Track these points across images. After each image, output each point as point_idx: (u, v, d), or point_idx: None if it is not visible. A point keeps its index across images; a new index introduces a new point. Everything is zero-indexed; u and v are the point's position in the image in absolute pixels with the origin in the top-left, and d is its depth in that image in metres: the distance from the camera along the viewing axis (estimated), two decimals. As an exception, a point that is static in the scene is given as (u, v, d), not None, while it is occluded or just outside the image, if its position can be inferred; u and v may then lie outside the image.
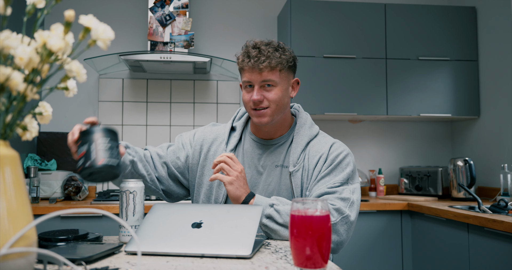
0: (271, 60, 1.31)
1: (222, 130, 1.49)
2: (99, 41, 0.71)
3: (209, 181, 1.31)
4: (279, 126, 1.43)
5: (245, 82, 1.36)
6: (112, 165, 1.04)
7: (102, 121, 3.05)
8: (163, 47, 2.84)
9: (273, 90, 1.34)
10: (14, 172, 0.68)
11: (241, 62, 1.35)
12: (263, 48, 1.32)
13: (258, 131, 1.45)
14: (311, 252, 0.87)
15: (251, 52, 1.32)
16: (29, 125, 0.81)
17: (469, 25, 3.01)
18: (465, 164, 2.76)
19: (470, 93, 2.99)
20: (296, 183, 1.36)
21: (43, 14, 0.73)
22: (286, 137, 1.45)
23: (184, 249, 1.04)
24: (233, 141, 1.45)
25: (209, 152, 1.46)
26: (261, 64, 1.30)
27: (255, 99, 1.33)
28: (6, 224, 0.65)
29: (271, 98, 1.34)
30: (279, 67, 1.32)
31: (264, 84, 1.33)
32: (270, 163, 1.42)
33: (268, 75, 1.32)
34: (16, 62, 0.58)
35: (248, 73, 1.34)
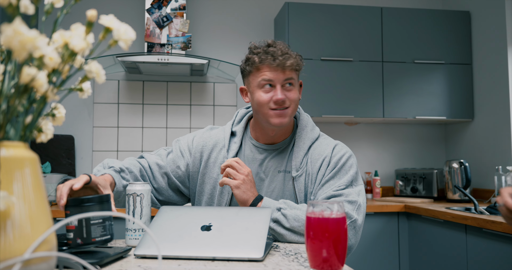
0: (295, 60, 1.30)
1: (221, 135, 1.44)
2: (120, 41, 0.70)
3: (219, 185, 1.30)
4: (285, 129, 1.40)
5: (264, 81, 1.30)
6: (105, 240, 1.03)
7: (98, 123, 3.02)
8: (160, 49, 2.83)
9: (293, 89, 1.32)
10: (34, 174, 0.67)
11: (261, 62, 1.29)
12: (280, 47, 1.30)
13: (261, 135, 1.41)
14: (327, 254, 0.87)
15: (275, 52, 1.28)
16: (44, 127, 0.80)
17: (463, 29, 3.05)
18: (461, 166, 2.79)
19: (464, 96, 3.03)
20: (299, 188, 1.35)
21: (62, 13, 0.72)
22: (288, 142, 1.42)
23: (195, 252, 1.03)
24: (234, 147, 1.41)
25: (210, 159, 1.41)
26: (288, 62, 1.27)
27: (280, 99, 1.29)
28: (28, 228, 0.64)
29: (292, 97, 1.31)
30: (297, 67, 1.32)
31: (285, 83, 1.30)
32: (272, 169, 1.39)
33: (290, 73, 1.30)
34: (45, 62, 0.57)
35: (269, 72, 1.29)
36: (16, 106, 0.62)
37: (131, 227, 1.21)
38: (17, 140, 0.68)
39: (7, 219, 0.60)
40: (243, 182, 1.26)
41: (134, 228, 1.21)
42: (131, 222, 1.22)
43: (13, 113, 0.63)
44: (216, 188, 1.39)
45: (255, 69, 1.31)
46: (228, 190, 1.37)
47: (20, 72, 0.57)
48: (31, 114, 0.69)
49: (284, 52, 1.29)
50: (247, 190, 1.26)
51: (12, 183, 0.64)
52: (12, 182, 0.64)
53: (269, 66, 1.28)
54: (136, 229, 1.21)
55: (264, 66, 1.29)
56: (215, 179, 1.40)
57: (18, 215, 0.62)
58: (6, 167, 0.63)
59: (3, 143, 0.63)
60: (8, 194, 0.61)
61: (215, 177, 1.40)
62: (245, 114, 1.48)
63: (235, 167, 1.26)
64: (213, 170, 1.40)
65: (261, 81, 1.30)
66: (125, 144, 3.04)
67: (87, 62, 0.74)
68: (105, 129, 3.02)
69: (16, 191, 0.64)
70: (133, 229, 1.21)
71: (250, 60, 1.32)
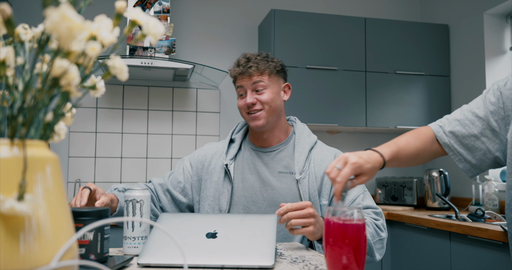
0: (258, 65, 1.42)
1: (221, 145, 1.55)
2: (149, 35, 0.66)
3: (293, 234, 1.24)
4: (276, 131, 1.49)
5: (238, 89, 1.45)
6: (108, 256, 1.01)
7: (74, 128, 2.91)
8: (143, 52, 2.76)
9: (264, 92, 1.42)
10: (55, 176, 0.62)
11: (233, 72, 1.45)
12: (252, 56, 1.44)
13: (257, 139, 1.51)
14: (347, 261, 0.86)
15: (241, 61, 1.44)
16: (57, 127, 0.75)
17: (442, 42, 3.14)
18: (440, 175, 2.85)
19: (443, 107, 3.11)
20: (304, 190, 1.40)
21: (85, 4, 0.68)
22: (285, 144, 1.50)
23: (203, 261, 0.99)
24: (232, 151, 1.50)
25: (210, 166, 1.50)
26: (250, 69, 1.41)
27: (249, 102, 1.41)
28: (50, 234, 0.59)
29: (264, 99, 1.42)
30: (267, 71, 1.43)
31: (255, 87, 1.42)
32: (272, 170, 1.46)
33: (258, 77, 1.42)
34: (88, 53, 0.53)
35: (239, 79, 1.44)
36: (41, 101, 0.58)
37: (130, 235, 1.16)
38: (37, 138, 0.63)
39: (33, 225, 0.55)
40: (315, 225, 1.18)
41: (133, 236, 1.16)
42: (129, 230, 1.16)
43: (37, 109, 0.59)
44: (218, 190, 1.46)
45: (234, 80, 1.48)
46: (228, 189, 1.44)
47: (52, 64, 0.52)
48: (51, 111, 0.64)
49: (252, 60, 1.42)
50: (319, 227, 1.19)
51: (34, 185, 0.59)
52: (34, 184, 0.59)
53: (238, 74, 1.44)
54: (136, 237, 1.16)
55: (236, 76, 1.45)
56: (216, 182, 1.47)
57: (43, 220, 0.57)
58: (28, 168, 0.58)
59: (26, 141, 0.58)
60: (34, 197, 0.56)
61: (216, 180, 1.47)
62: (245, 124, 1.58)
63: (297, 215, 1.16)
64: (213, 175, 1.48)
65: (237, 89, 1.47)
66: (103, 150, 2.94)
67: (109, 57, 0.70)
68: (82, 134, 2.92)
69: (39, 194, 0.59)
70: (132, 237, 1.16)
71: (230, 73, 1.48)
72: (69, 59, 0.56)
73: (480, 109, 1.21)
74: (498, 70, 2.86)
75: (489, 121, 1.19)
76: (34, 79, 0.61)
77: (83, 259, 0.93)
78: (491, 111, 1.19)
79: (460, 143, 1.20)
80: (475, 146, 1.20)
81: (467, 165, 1.22)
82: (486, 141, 1.19)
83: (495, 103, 1.20)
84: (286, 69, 1.51)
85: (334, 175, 0.98)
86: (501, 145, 1.19)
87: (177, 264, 0.99)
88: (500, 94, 1.21)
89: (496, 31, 2.88)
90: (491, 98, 1.21)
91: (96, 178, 2.91)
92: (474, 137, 1.20)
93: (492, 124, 1.19)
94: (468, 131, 1.20)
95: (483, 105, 1.21)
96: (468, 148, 1.20)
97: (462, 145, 1.20)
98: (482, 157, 1.20)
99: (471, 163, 1.21)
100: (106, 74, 0.72)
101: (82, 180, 2.87)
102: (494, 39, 2.88)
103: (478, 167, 1.22)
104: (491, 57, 2.86)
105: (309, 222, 1.16)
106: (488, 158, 1.20)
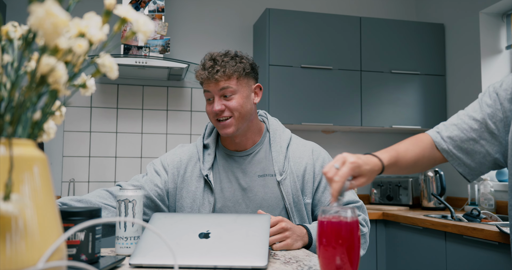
0: (225, 69, 1.30)
1: (194, 149, 1.44)
2: (139, 33, 0.65)
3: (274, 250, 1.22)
4: (250, 134, 1.41)
5: (205, 93, 1.36)
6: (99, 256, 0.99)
7: (69, 128, 2.89)
8: (137, 51, 2.75)
9: (233, 98, 1.33)
10: (43, 176, 0.61)
11: (199, 75, 1.35)
12: (218, 58, 1.33)
13: (230, 143, 1.42)
14: (341, 262, 0.85)
15: (207, 64, 1.33)
16: (46, 126, 0.74)
17: (437, 41, 3.14)
18: (436, 175, 2.85)
19: (438, 107, 3.11)
20: (286, 191, 1.37)
21: (74, 1, 0.67)
22: (260, 145, 1.43)
23: (196, 261, 0.98)
24: (208, 159, 1.41)
25: (186, 173, 1.41)
26: (216, 74, 1.30)
27: (216, 110, 1.32)
28: (38, 234, 0.58)
29: (232, 106, 1.32)
30: (236, 74, 1.32)
31: (223, 93, 1.32)
32: (251, 174, 1.40)
33: (225, 83, 1.31)
34: (75, 51, 0.52)
35: (206, 84, 1.34)
36: (29, 99, 0.56)
37: (123, 235, 1.15)
38: (25, 137, 0.62)
39: (20, 225, 0.54)
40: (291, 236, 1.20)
41: (126, 236, 1.15)
42: (121, 230, 1.15)
43: (24, 107, 0.57)
44: (196, 201, 1.38)
45: (201, 83, 1.37)
46: (209, 200, 1.37)
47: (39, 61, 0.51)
48: (39, 109, 0.63)
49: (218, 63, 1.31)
50: (297, 236, 1.21)
51: (21, 185, 0.57)
52: (21, 184, 0.57)
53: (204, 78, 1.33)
54: (128, 237, 1.15)
55: (203, 80, 1.34)
56: (193, 192, 1.39)
57: (30, 220, 0.56)
58: (15, 167, 0.57)
59: (12, 140, 0.57)
60: (21, 197, 0.55)
61: (194, 190, 1.39)
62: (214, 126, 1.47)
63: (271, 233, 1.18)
64: (190, 184, 1.40)
65: (204, 93, 1.37)
66: (97, 149, 2.92)
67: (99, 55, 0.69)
68: (77, 133, 2.90)
69: (26, 194, 0.57)
70: (124, 237, 1.15)
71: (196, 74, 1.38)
72: (56, 56, 0.55)
73: (477, 112, 1.20)
74: (494, 69, 2.87)
75: (487, 123, 1.18)
76: (22, 77, 0.60)
77: (71, 260, 0.92)
78: (488, 114, 1.18)
79: (459, 147, 1.19)
80: (474, 150, 1.18)
81: (466, 169, 1.20)
82: (485, 144, 1.18)
83: (492, 105, 1.19)
84: (256, 67, 1.41)
85: (332, 174, 0.95)
86: (500, 147, 1.18)
87: (169, 264, 0.98)
88: (496, 96, 1.20)
89: (491, 30, 2.88)
90: (487, 101, 1.20)
91: (90, 177, 2.89)
92: (472, 140, 1.18)
93: (490, 126, 1.18)
94: (466, 135, 1.18)
95: (480, 108, 1.20)
96: (467, 152, 1.19)
97: (461, 149, 1.19)
98: (482, 160, 1.19)
99: (471, 166, 1.20)
100: (96, 72, 0.71)
101: (76, 179, 2.86)
102: (490, 38, 2.88)
103: (477, 170, 1.20)
104: (486, 56, 2.87)
105: (284, 236, 1.18)
106: (488, 160, 1.19)
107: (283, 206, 1.37)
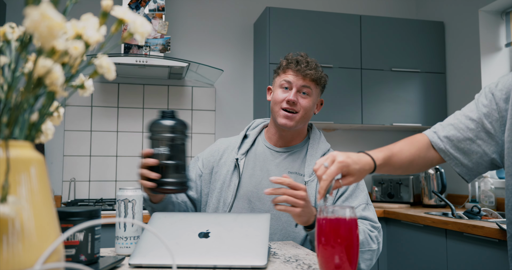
0: (316, 72, 1.43)
1: (233, 140, 1.56)
2: (136, 34, 0.65)
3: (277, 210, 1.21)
4: (296, 135, 1.50)
5: (284, 82, 1.43)
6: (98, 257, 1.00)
7: (69, 127, 2.90)
8: (137, 50, 2.75)
9: (307, 98, 1.43)
10: (40, 177, 0.61)
11: (288, 65, 1.43)
12: (309, 60, 1.44)
13: (275, 137, 1.51)
14: (340, 261, 0.85)
15: (301, 60, 1.43)
16: (44, 127, 0.74)
17: (437, 39, 3.14)
18: (436, 172, 2.85)
19: (438, 104, 3.10)
20: (310, 193, 1.41)
21: (71, 2, 0.67)
22: (299, 147, 1.51)
23: (195, 261, 0.98)
24: (245, 146, 1.51)
25: (221, 159, 1.51)
26: (309, 71, 1.40)
27: (291, 99, 1.40)
28: (35, 236, 0.58)
29: (304, 104, 1.42)
30: (318, 81, 1.44)
31: (301, 89, 1.42)
32: (283, 169, 1.47)
33: (309, 82, 1.42)
34: (71, 53, 0.52)
35: (291, 75, 1.42)
36: (26, 101, 0.57)
37: (122, 235, 1.15)
38: (22, 139, 0.62)
39: (17, 227, 0.54)
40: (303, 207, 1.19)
41: (125, 236, 1.15)
42: (121, 230, 1.16)
43: (21, 109, 0.58)
44: (225, 182, 1.47)
45: (282, 71, 1.46)
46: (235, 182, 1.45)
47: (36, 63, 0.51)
48: (36, 111, 0.63)
49: (309, 62, 1.42)
50: (307, 213, 1.21)
51: (18, 186, 0.58)
52: (18, 186, 0.58)
53: (292, 69, 1.42)
54: (128, 237, 1.15)
55: (288, 69, 1.43)
56: (224, 175, 1.49)
57: (27, 222, 0.56)
58: (12, 169, 0.57)
59: (9, 142, 0.57)
60: (17, 199, 0.55)
61: (225, 173, 1.49)
62: (261, 122, 1.60)
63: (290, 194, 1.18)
64: (223, 168, 1.49)
65: (282, 81, 1.44)
66: (98, 148, 2.93)
67: (96, 56, 0.69)
68: (77, 132, 2.90)
69: (23, 196, 0.58)
70: (124, 237, 1.15)
71: (280, 63, 1.47)
72: (53, 58, 0.55)
73: (473, 112, 1.20)
74: (494, 67, 2.86)
75: (483, 123, 1.18)
76: (19, 79, 0.60)
77: (71, 260, 0.92)
78: (484, 113, 1.19)
79: (456, 147, 1.19)
80: (471, 150, 1.19)
81: (464, 169, 1.21)
82: (481, 144, 1.18)
83: (487, 105, 1.19)
84: None
85: (321, 173, 0.99)
86: (497, 147, 1.18)
87: (169, 264, 0.98)
88: (492, 96, 1.20)
89: (491, 28, 2.88)
90: (483, 101, 1.20)
91: (91, 177, 2.89)
92: (469, 140, 1.18)
93: (487, 126, 1.18)
94: (463, 134, 1.19)
95: (476, 108, 1.21)
96: (464, 152, 1.19)
97: (458, 149, 1.19)
98: (479, 160, 1.19)
99: (468, 166, 1.20)
100: (93, 73, 0.71)
101: (77, 179, 2.86)
102: (490, 36, 2.87)
103: (475, 170, 1.21)
104: (486, 54, 2.86)
105: (298, 203, 1.18)
106: (485, 160, 1.19)
107: None
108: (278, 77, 1.47)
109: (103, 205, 2.56)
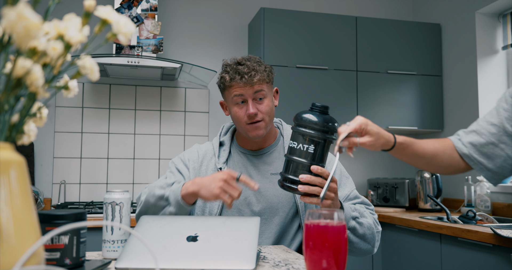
0: (259, 73, 1.36)
1: (209, 146, 1.52)
2: (120, 35, 0.63)
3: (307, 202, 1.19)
4: (267, 135, 1.48)
5: (236, 97, 1.37)
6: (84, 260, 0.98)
7: (60, 128, 2.86)
8: (129, 51, 2.72)
9: (264, 101, 1.39)
10: (20, 179, 0.59)
11: (231, 80, 1.36)
12: (248, 63, 1.38)
13: (247, 143, 1.48)
14: (327, 265, 0.83)
15: (241, 70, 1.36)
16: (27, 128, 0.71)
17: (434, 41, 3.13)
18: (432, 176, 2.83)
19: (435, 107, 3.09)
20: None
21: (54, 2, 0.64)
22: (274, 147, 1.50)
23: (183, 264, 0.96)
24: (223, 154, 1.48)
25: (201, 167, 1.47)
26: (254, 78, 1.34)
27: (252, 113, 1.36)
28: (14, 238, 0.56)
29: (264, 110, 1.38)
30: (267, 79, 1.39)
31: (256, 96, 1.37)
32: (264, 172, 1.46)
33: (260, 86, 1.37)
34: (49, 53, 0.50)
35: (239, 88, 1.36)
36: (6, 102, 0.54)
37: (109, 238, 1.13)
38: (2, 140, 0.60)
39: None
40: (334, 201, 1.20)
41: (112, 239, 1.13)
42: (108, 233, 1.13)
43: (1, 110, 0.55)
44: None
45: (228, 86, 1.39)
46: None
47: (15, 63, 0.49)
48: (17, 112, 0.61)
49: (251, 68, 1.36)
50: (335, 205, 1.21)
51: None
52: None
53: (237, 83, 1.36)
54: (115, 240, 1.13)
55: (234, 84, 1.37)
56: None
57: (5, 225, 0.54)
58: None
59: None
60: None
61: None
62: (230, 127, 1.56)
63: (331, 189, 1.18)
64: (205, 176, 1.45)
65: (233, 97, 1.38)
66: (89, 150, 2.90)
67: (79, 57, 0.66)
68: (68, 134, 2.87)
69: (2, 198, 0.55)
70: (111, 241, 1.13)
71: (222, 79, 1.40)
72: (33, 59, 0.53)
73: (494, 117, 1.23)
74: (490, 69, 2.85)
75: (504, 127, 1.20)
76: (-1, 79, 0.58)
77: (55, 264, 0.90)
78: (506, 117, 1.21)
79: (479, 152, 1.22)
80: (494, 154, 1.21)
81: (489, 174, 1.23)
82: (504, 148, 1.20)
83: (508, 110, 1.21)
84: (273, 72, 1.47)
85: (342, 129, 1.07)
86: None
87: (159, 268, 0.96)
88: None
89: (488, 31, 2.87)
90: (503, 105, 1.23)
91: (82, 179, 2.86)
92: (492, 144, 1.21)
93: (508, 129, 1.20)
94: (485, 139, 1.21)
95: (497, 113, 1.23)
96: (488, 156, 1.21)
97: (482, 154, 1.22)
98: (503, 163, 1.21)
99: (493, 170, 1.22)
100: (76, 74, 0.69)
101: (67, 181, 2.83)
102: (486, 39, 2.86)
103: (500, 174, 1.23)
104: (483, 57, 2.85)
105: (330, 195, 1.17)
106: (509, 164, 1.21)
107: (293, 203, 1.42)
108: (226, 91, 1.41)
109: (93, 208, 2.53)
